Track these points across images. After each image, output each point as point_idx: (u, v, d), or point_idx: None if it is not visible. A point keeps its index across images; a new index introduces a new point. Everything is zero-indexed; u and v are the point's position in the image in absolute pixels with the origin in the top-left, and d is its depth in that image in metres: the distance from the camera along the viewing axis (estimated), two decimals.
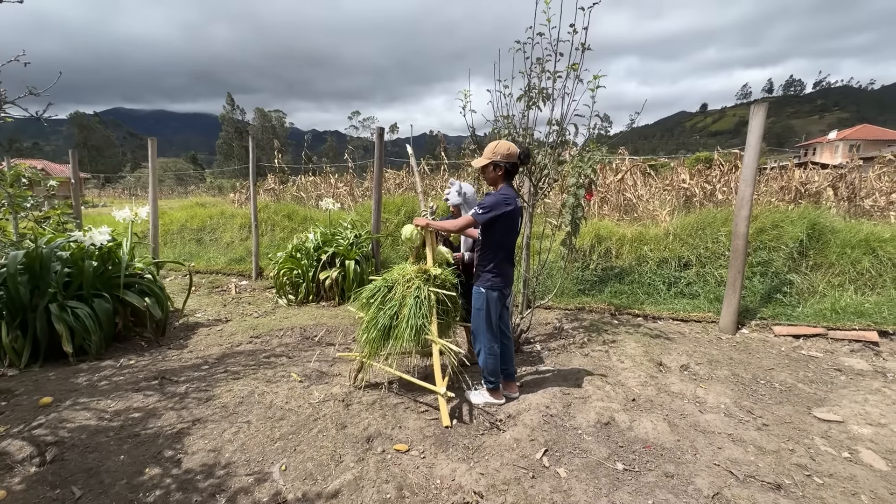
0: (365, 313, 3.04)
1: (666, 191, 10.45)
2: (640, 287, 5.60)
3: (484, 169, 2.86)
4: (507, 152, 2.80)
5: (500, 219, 2.74)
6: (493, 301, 2.83)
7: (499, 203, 2.73)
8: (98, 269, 3.81)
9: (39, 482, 2.09)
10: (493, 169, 2.82)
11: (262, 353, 3.72)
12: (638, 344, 4.04)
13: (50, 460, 2.23)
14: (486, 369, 2.88)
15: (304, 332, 4.30)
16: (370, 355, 2.93)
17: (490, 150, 2.83)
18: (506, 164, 2.81)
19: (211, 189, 31.15)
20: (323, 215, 7.74)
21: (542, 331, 4.70)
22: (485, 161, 2.84)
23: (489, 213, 2.72)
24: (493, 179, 2.86)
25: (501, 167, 2.83)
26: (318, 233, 5.81)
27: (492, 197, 2.77)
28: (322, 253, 5.49)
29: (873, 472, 2.35)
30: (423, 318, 2.81)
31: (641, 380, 3.36)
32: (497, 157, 2.79)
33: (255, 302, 5.55)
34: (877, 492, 2.21)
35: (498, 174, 2.84)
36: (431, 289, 2.94)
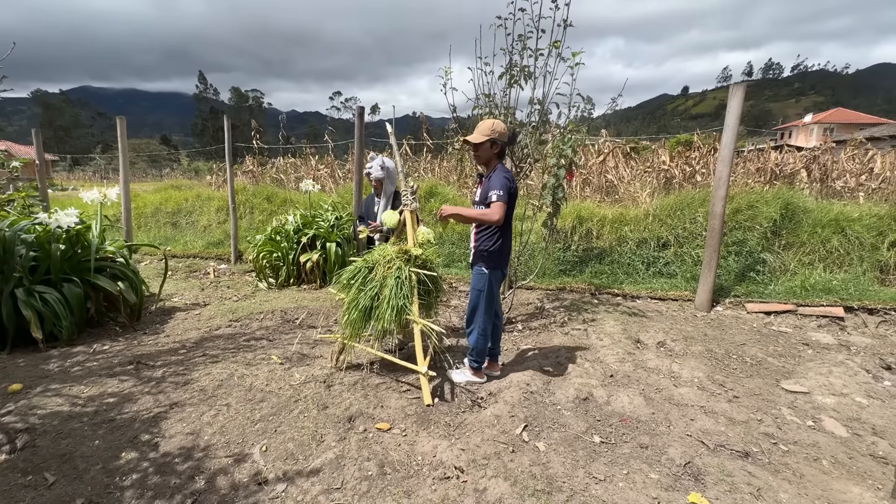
0: (346, 295, 3.02)
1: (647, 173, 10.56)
2: (619, 267, 5.69)
3: (479, 146, 2.82)
4: (502, 129, 2.82)
5: (511, 198, 2.77)
6: (497, 281, 2.87)
7: (508, 179, 2.75)
8: (66, 252, 3.67)
9: (10, 469, 2.04)
10: (490, 146, 2.80)
11: (242, 336, 3.67)
12: (617, 322, 4.12)
13: (21, 447, 2.18)
14: (476, 350, 2.89)
15: (284, 315, 4.26)
16: (351, 336, 2.92)
17: (488, 127, 2.80)
18: (501, 143, 2.82)
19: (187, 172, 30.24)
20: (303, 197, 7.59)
21: (524, 311, 4.76)
22: (483, 138, 2.80)
23: (506, 191, 2.71)
24: (488, 158, 2.84)
25: (499, 145, 2.82)
26: (299, 215, 5.71)
27: (499, 178, 2.73)
28: (302, 235, 5.41)
29: (834, 439, 2.47)
30: (403, 298, 2.80)
31: (619, 356, 3.43)
32: (495, 133, 2.78)
33: (235, 286, 5.46)
34: (837, 456, 2.33)
35: (494, 152, 2.83)
36: (412, 269, 2.93)
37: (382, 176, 3.61)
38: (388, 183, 3.65)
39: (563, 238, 6.24)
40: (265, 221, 7.44)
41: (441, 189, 7.75)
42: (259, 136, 12.75)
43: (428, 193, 7.31)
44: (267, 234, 5.54)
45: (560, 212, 4.56)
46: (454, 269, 5.98)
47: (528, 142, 3.78)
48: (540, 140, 4.09)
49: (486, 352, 2.95)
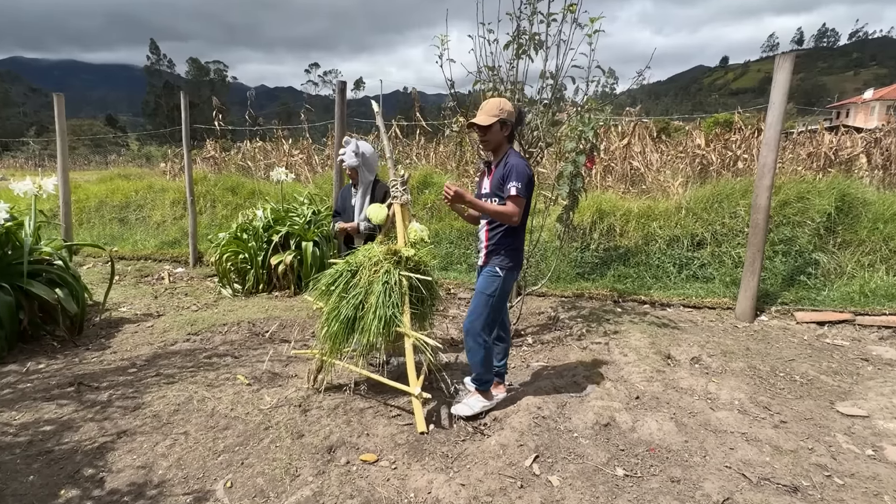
0: (325, 304, 3.03)
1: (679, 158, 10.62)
2: (647, 270, 5.73)
3: (487, 129, 2.82)
4: (511, 110, 2.85)
5: (530, 191, 2.81)
6: (511, 284, 2.91)
7: (528, 171, 2.76)
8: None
9: None
10: (500, 128, 2.82)
11: (203, 352, 3.68)
12: (644, 335, 4.15)
13: None
14: (480, 367, 2.85)
15: (252, 327, 4.28)
16: (332, 352, 2.94)
17: (495, 106, 2.82)
18: (512, 123, 2.85)
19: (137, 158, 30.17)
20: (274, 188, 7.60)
21: (535, 321, 4.78)
22: (492, 119, 2.80)
23: (527, 183, 2.73)
24: (498, 142, 2.86)
25: (509, 125, 2.84)
26: (269, 209, 5.75)
27: (517, 166, 2.74)
28: (273, 233, 5.44)
29: None
30: (393, 307, 2.81)
31: (647, 375, 3.45)
32: (504, 113, 2.80)
33: (194, 293, 5.48)
34: None
35: (504, 135, 2.85)
36: (403, 273, 2.94)
37: (357, 163, 3.62)
38: (364, 171, 3.66)
39: (580, 236, 6.28)
40: (230, 217, 7.46)
41: (437, 178, 7.78)
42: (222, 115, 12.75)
43: (421, 183, 7.33)
44: (232, 232, 5.58)
45: (578, 205, 4.60)
46: (452, 272, 6.01)
47: (538, 122, 3.80)
48: (553, 120, 4.10)
49: (492, 366, 2.96)
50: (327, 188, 7.29)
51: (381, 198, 3.63)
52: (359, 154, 3.56)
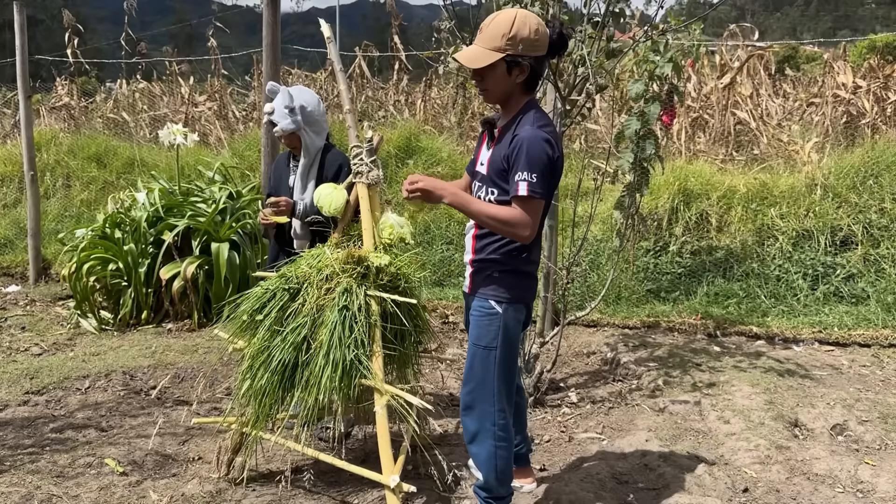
0: (248, 342, 3.08)
1: (812, 105, 10.72)
2: (761, 284, 5.83)
3: (485, 72, 2.64)
4: (535, 35, 2.57)
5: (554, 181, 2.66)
6: (517, 329, 2.80)
7: (549, 149, 2.56)
8: None
9: None
10: (507, 71, 2.61)
11: (50, 422, 3.75)
12: (756, 388, 4.22)
13: None
14: (492, 473, 2.78)
15: (130, 380, 4.37)
16: (258, 420, 2.98)
17: (499, 30, 2.57)
18: (531, 62, 2.62)
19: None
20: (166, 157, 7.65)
21: (581, 366, 4.86)
22: (490, 56, 2.58)
23: (544, 171, 2.54)
24: (507, 92, 2.68)
25: (525, 67, 2.62)
26: (158, 191, 5.83)
27: (532, 140, 2.54)
28: (165, 229, 5.52)
29: None
30: (356, 346, 2.86)
31: (761, 453, 3.52)
32: (516, 45, 2.56)
33: (36, 325, 5.58)
34: None
35: (517, 82, 2.65)
36: (372, 293, 3.00)
37: (295, 126, 3.58)
38: (309, 135, 3.64)
39: (654, 230, 6.34)
40: (94, 203, 7.56)
41: (427, 141, 7.89)
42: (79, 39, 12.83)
43: (403, 149, 7.42)
44: (97, 228, 5.68)
45: (649, 182, 4.66)
46: (450, 288, 6.09)
47: (584, 53, 3.87)
48: (609, 49, 4.16)
49: (510, 474, 2.93)
50: (252, 157, 7.35)
51: (334, 175, 3.65)
52: (296, 110, 3.55)
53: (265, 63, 5.75)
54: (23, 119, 6.52)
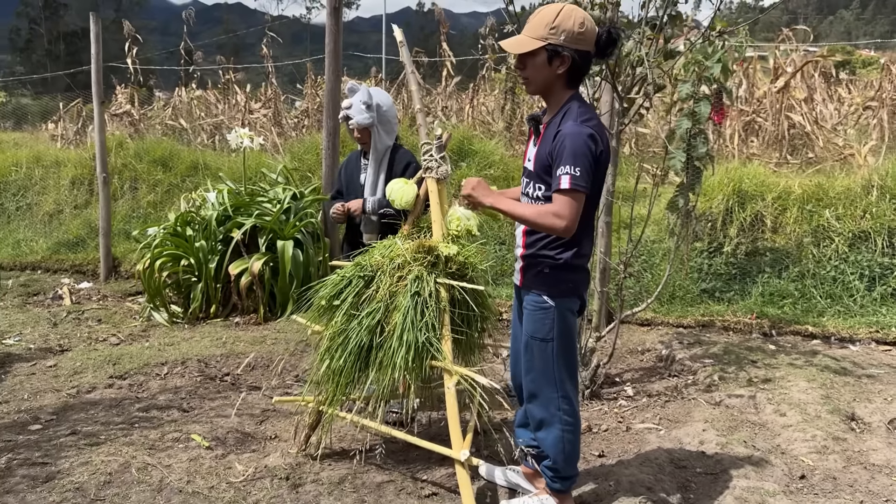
0: (325, 326, 3.27)
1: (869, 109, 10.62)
2: (816, 285, 5.88)
3: (527, 60, 2.71)
4: (580, 29, 2.63)
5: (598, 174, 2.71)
6: (572, 320, 2.89)
7: (591, 143, 2.60)
8: None
9: None
10: (548, 61, 2.67)
11: (136, 403, 3.99)
12: (812, 384, 4.30)
13: None
14: (560, 455, 2.88)
15: (205, 367, 4.59)
16: (334, 399, 3.17)
17: (544, 20, 2.65)
18: (573, 54, 2.67)
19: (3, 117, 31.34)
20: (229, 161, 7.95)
21: (636, 363, 4.96)
22: (531, 42, 2.66)
23: (587, 164, 2.58)
24: (547, 83, 2.74)
25: (566, 58, 2.67)
26: (226, 191, 6.06)
27: (574, 135, 2.59)
28: (233, 228, 5.74)
29: None
30: (427, 330, 3.03)
31: (818, 444, 3.61)
32: (559, 35, 2.63)
33: (111, 318, 5.84)
34: None
35: (557, 73, 2.69)
36: (441, 280, 3.16)
37: (370, 121, 3.85)
38: (380, 133, 3.90)
39: (708, 231, 6.41)
40: (160, 204, 7.86)
41: (478, 144, 8.04)
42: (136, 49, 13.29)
43: (456, 152, 7.60)
44: (169, 227, 5.93)
45: (701, 182, 4.76)
46: (505, 287, 6.23)
47: (642, 54, 4.00)
48: (667, 52, 4.29)
49: (577, 456, 3.03)
50: (310, 160, 7.60)
51: (402, 171, 3.87)
52: (372, 107, 3.81)
53: (327, 69, 6.01)
54: (96, 124, 6.87)
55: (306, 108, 12.60)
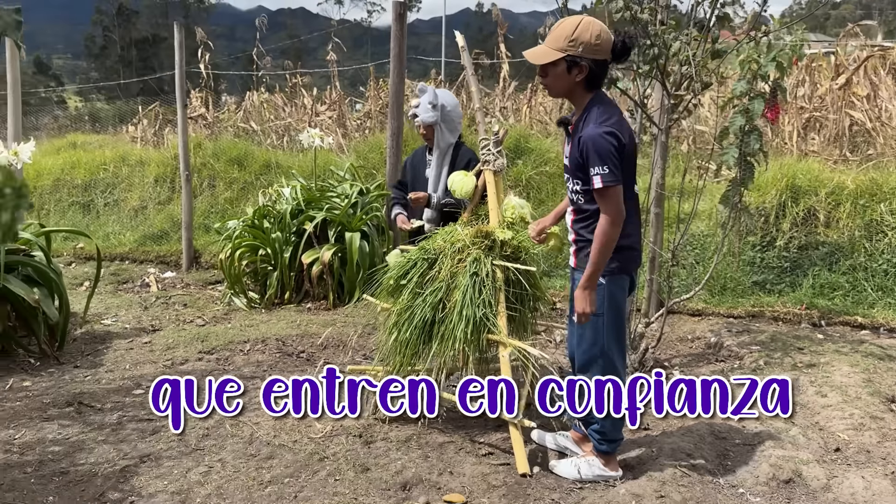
0: (393, 303, 3.65)
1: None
2: (868, 277, 5.95)
3: (548, 69, 2.99)
4: (596, 41, 2.90)
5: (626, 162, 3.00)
6: (622, 297, 3.19)
7: (613, 140, 2.89)
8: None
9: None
10: (567, 70, 2.94)
11: (223, 373, 4.42)
12: (854, 369, 4.46)
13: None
14: (608, 419, 3.16)
15: (282, 345, 5.02)
16: (401, 367, 3.55)
17: (563, 33, 2.91)
18: (590, 63, 2.93)
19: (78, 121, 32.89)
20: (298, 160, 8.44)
21: (685, 349, 5.18)
22: (551, 54, 2.95)
23: (620, 168, 2.89)
24: (566, 89, 3.05)
25: (584, 67, 2.94)
26: (299, 187, 6.49)
27: (596, 137, 2.88)
28: (305, 220, 6.18)
29: None
30: (484, 306, 3.38)
31: (855, 421, 3.81)
32: (577, 47, 2.91)
33: (195, 303, 6.35)
34: None
35: (576, 80, 2.96)
36: (497, 262, 3.51)
37: (435, 119, 4.24)
38: (443, 131, 4.28)
39: (761, 225, 6.56)
40: (235, 200, 8.41)
41: (535, 142, 8.33)
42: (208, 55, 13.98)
43: (513, 150, 7.90)
44: (248, 220, 6.41)
45: (754, 177, 4.97)
46: (558, 278, 6.50)
47: (689, 54, 4.25)
48: (714, 51, 4.53)
49: (623, 423, 3.36)
50: (374, 159, 8.02)
51: (464, 166, 4.23)
52: (437, 106, 4.18)
53: (392, 72, 6.40)
54: (180, 126, 7.42)
55: (369, 109, 13.09)
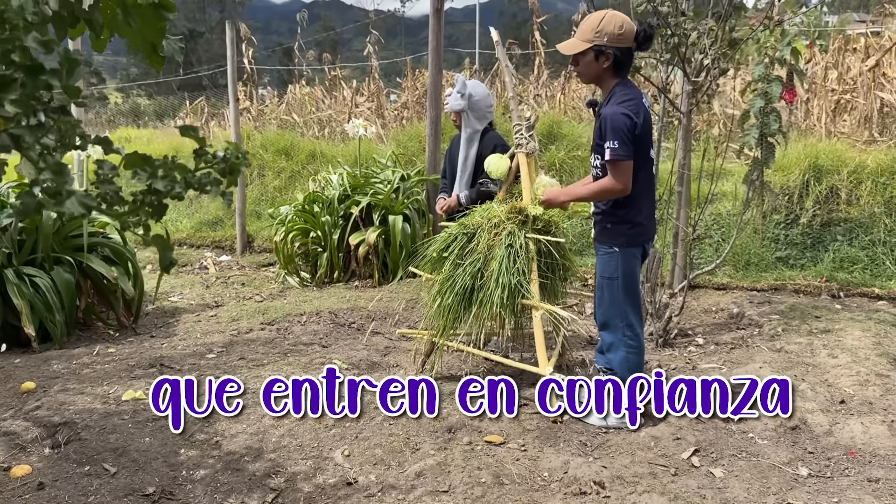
0: (437, 273, 4.09)
1: None
2: (887, 252, 6.25)
3: (579, 58, 3.49)
4: (619, 31, 3.34)
5: (640, 141, 3.42)
6: (634, 263, 3.64)
7: (628, 119, 3.31)
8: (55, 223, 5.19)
9: (63, 459, 3.36)
10: (595, 58, 3.42)
11: (284, 341, 4.94)
12: (865, 333, 4.80)
13: (65, 441, 3.52)
14: (626, 372, 3.60)
15: (335, 317, 5.51)
16: (444, 330, 3.99)
17: (590, 26, 3.38)
18: (616, 51, 3.40)
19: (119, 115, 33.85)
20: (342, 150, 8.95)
21: (709, 319, 5.55)
22: (581, 45, 3.43)
23: (631, 145, 3.31)
24: (596, 75, 3.52)
25: (609, 55, 3.40)
26: (345, 174, 6.99)
27: (614, 116, 3.32)
28: (352, 205, 6.68)
29: None
30: (518, 274, 3.81)
31: (861, 378, 4.16)
32: (602, 37, 3.38)
33: (252, 282, 6.90)
34: None
35: (603, 67, 3.43)
36: (530, 235, 3.93)
37: (461, 107, 4.68)
38: (469, 117, 4.72)
39: (785, 204, 6.88)
40: (283, 189, 8.94)
41: (567, 128, 8.72)
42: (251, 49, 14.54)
43: (546, 135, 8.29)
44: (298, 205, 6.91)
45: (774, 157, 5.31)
46: (589, 257, 6.90)
47: (705, 44, 4.61)
48: (731, 40, 4.87)
49: (642, 370, 3.79)
50: (413, 147, 8.48)
51: (490, 151, 4.65)
52: (465, 95, 4.61)
53: (430, 64, 6.83)
54: (232, 119, 7.98)
55: (406, 100, 13.55)
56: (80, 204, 1.04)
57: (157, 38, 1.57)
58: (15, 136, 0.91)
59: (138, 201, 1.23)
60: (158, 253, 1.47)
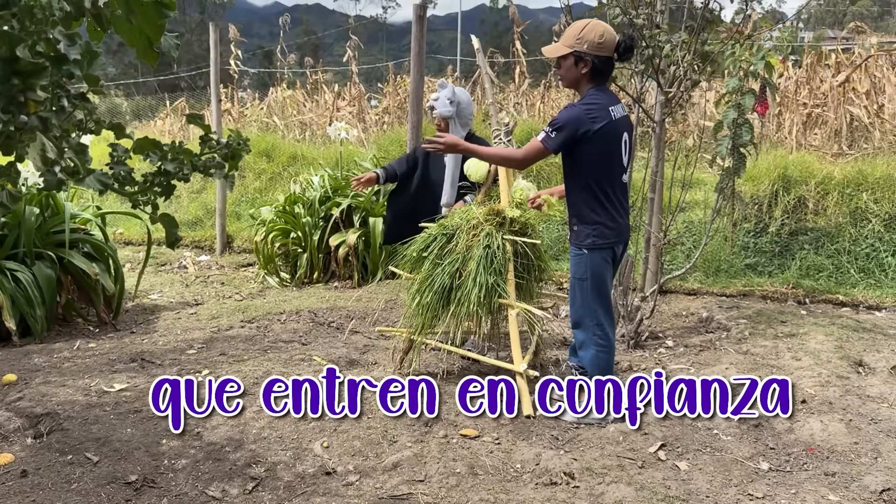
0: (416, 273, 4.20)
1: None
2: (851, 261, 6.46)
3: (561, 62, 3.67)
4: (599, 40, 3.49)
5: (583, 140, 3.54)
6: (604, 266, 3.75)
7: (579, 118, 3.50)
8: (37, 218, 5.23)
9: (45, 449, 3.42)
10: (574, 63, 3.59)
11: (264, 338, 5.02)
12: (829, 337, 4.98)
13: (47, 431, 3.58)
14: (596, 369, 3.74)
15: (314, 316, 5.59)
16: (422, 328, 4.10)
17: (573, 32, 3.54)
18: (594, 59, 3.56)
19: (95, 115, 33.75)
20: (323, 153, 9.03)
21: (679, 323, 5.71)
22: (563, 49, 3.60)
23: (563, 134, 3.50)
24: (574, 79, 3.69)
25: (588, 62, 3.57)
26: (326, 176, 7.09)
27: (569, 109, 3.58)
28: (332, 206, 6.78)
29: None
30: (495, 274, 3.93)
31: (822, 380, 4.32)
32: (582, 44, 3.54)
33: (231, 282, 6.95)
34: None
35: (581, 72, 3.58)
36: (507, 236, 4.06)
37: (450, 113, 4.79)
38: (456, 124, 4.83)
39: (755, 213, 7.07)
40: (264, 190, 9.00)
41: None
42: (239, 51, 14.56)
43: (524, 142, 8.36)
44: (279, 206, 6.98)
45: (745, 167, 5.48)
46: (566, 261, 7.02)
47: (678, 56, 4.77)
48: (703, 53, 5.05)
49: (611, 369, 3.93)
50: (394, 151, 8.57)
51: None
52: (454, 102, 4.73)
53: (412, 70, 6.95)
54: (214, 120, 8.01)
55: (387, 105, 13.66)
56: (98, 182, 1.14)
57: (156, 35, 1.66)
58: (43, 118, 1.00)
59: (148, 181, 1.31)
60: (165, 230, 1.56)
